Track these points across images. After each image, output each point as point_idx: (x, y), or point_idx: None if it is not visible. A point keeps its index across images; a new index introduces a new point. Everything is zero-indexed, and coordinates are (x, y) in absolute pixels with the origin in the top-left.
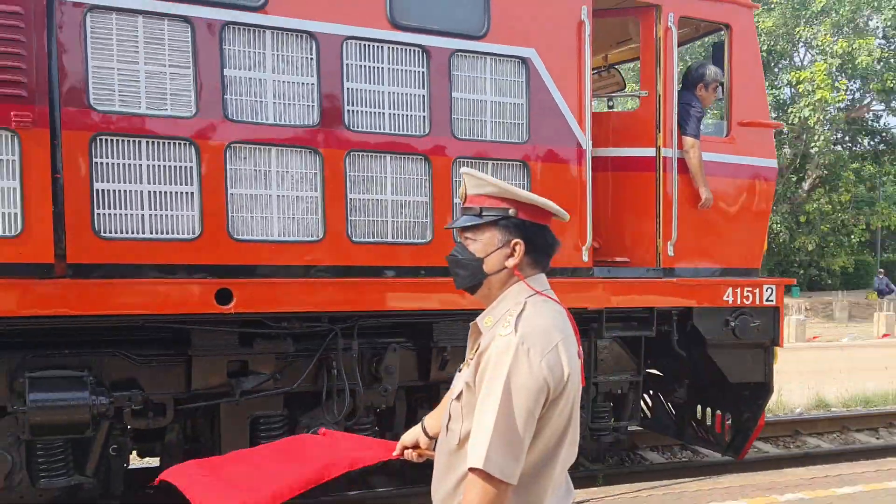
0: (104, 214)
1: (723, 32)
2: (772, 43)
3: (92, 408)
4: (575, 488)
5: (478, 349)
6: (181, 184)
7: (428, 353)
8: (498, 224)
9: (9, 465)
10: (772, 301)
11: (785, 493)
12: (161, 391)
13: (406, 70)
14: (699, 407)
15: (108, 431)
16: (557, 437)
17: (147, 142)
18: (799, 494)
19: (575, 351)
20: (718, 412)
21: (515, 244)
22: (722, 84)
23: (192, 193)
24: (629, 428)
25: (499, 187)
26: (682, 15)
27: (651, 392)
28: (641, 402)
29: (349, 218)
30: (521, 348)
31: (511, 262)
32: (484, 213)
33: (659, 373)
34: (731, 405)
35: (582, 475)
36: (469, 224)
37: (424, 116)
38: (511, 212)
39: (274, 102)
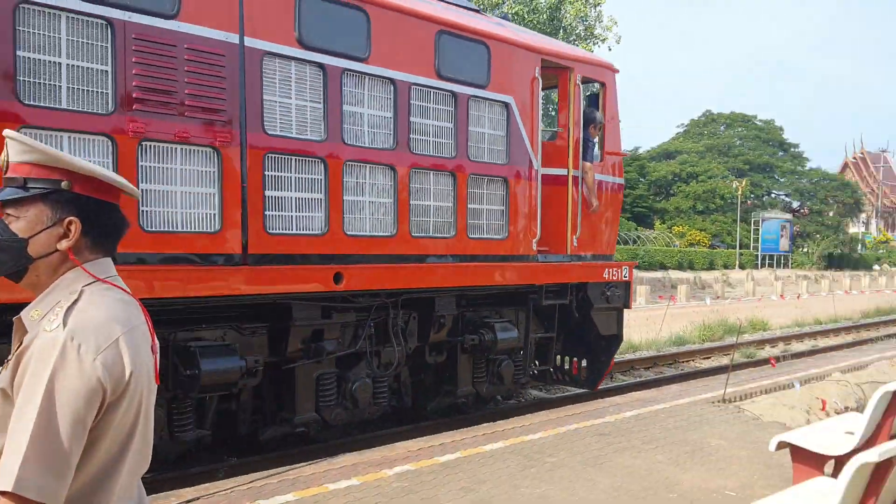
0: (270, 215)
1: (597, 87)
2: None
3: (241, 369)
4: (183, 487)
5: (19, 347)
6: (315, 192)
7: (429, 321)
8: (47, 198)
9: (160, 422)
10: (626, 277)
11: (394, 466)
12: (259, 355)
13: (443, 109)
14: (558, 357)
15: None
16: (120, 444)
17: (296, 159)
18: (406, 466)
19: (145, 346)
20: (575, 359)
21: (70, 223)
22: (602, 124)
23: (321, 199)
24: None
25: (48, 154)
26: (582, 75)
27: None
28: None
29: (411, 219)
30: (70, 345)
31: (64, 245)
32: (29, 185)
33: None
34: (591, 354)
35: (199, 472)
36: (9, 198)
37: (452, 144)
38: (64, 184)
39: (369, 131)
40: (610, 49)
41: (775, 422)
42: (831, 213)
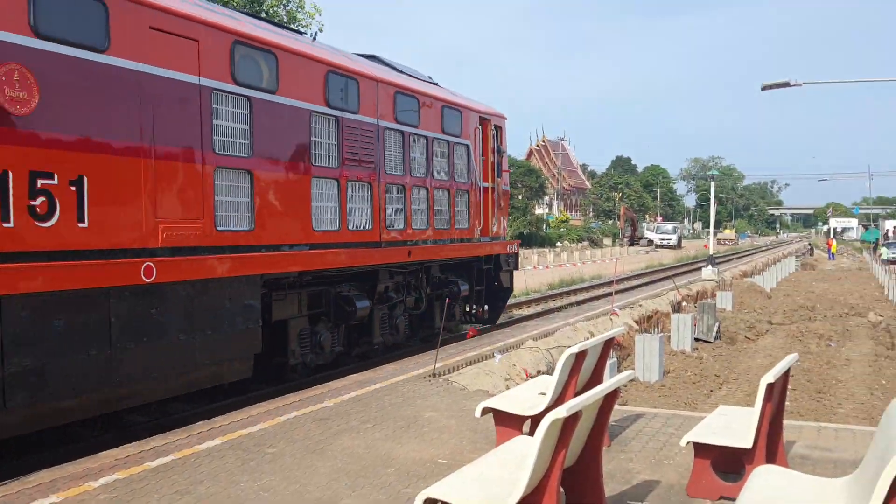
0: (388, 219)
1: (496, 128)
2: None
3: (368, 307)
4: None
5: None
6: (399, 205)
7: (430, 279)
8: None
9: (330, 340)
10: (515, 250)
11: (100, 477)
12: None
13: (443, 151)
14: (467, 304)
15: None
16: None
17: (394, 185)
18: (114, 475)
19: None
20: (481, 306)
21: None
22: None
23: (402, 209)
24: None
25: None
26: (495, 124)
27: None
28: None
29: (435, 219)
30: None
31: None
32: None
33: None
34: (494, 301)
35: None
36: None
37: (447, 171)
38: None
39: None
40: (315, 37)
41: (480, 390)
42: (520, 196)
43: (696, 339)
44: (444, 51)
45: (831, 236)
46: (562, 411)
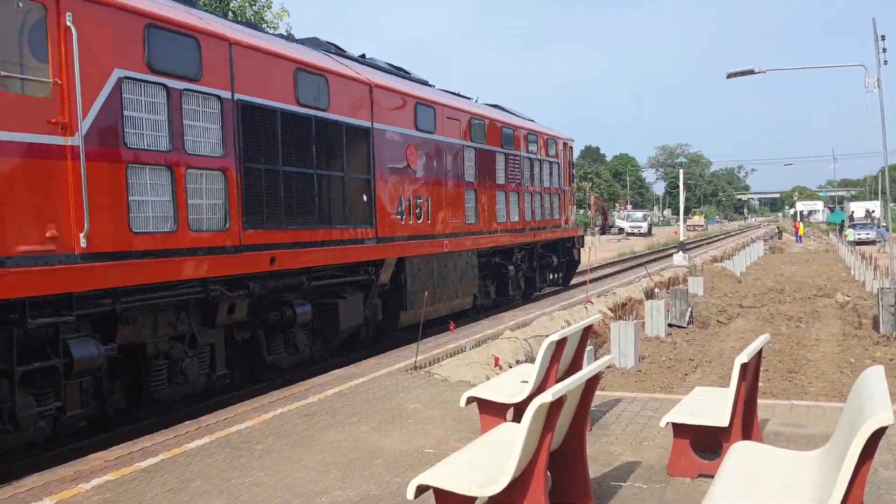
0: (526, 213)
1: (570, 148)
2: None
3: (513, 271)
4: None
5: None
6: (527, 205)
7: (535, 255)
8: None
9: (494, 289)
10: (582, 234)
11: (91, 479)
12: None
13: (547, 167)
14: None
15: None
16: None
17: (529, 192)
18: (106, 477)
19: None
20: (561, 273)
21: None
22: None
23: (528, 207)
24: None
25: None
26: (570, 146)
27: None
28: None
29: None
30: None
31: None
32: None
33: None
34: (565, 271)
35: None
36: None
37: (548, 181)
38: None
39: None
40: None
41: (461, 381)
42: None
43: (670, 325)
44: (406, 44)
45: (798, 219)
46: (547, 396)
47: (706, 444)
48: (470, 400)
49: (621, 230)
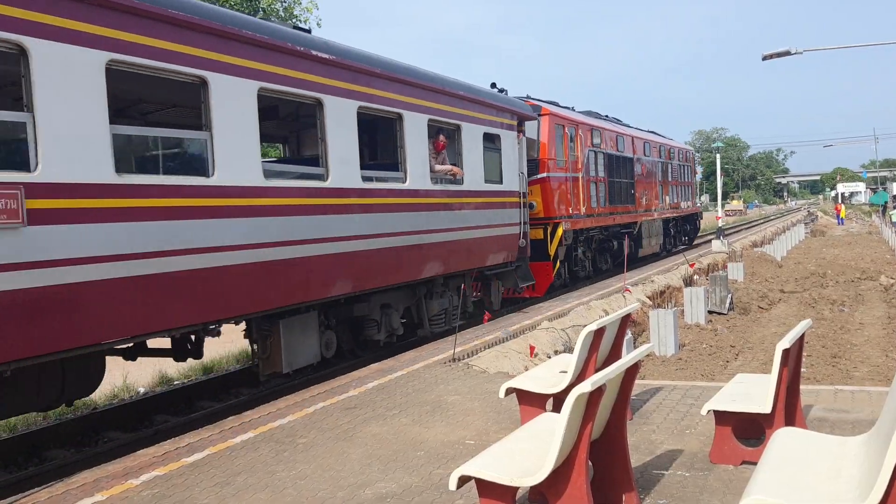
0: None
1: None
2: None
3: (662, 239)
4: None
5: None
6: (672, 192)
7: (675, 224)
8: None
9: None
10: (701, 209)
11: (140, 475)
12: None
13: (682, 167)
14: (683, 236)
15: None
16: None
17: (673, 186)
18: (154, 473)
19: None
20: (687, 236)
21: None
22: None
23: (672, 194)
24: None
25: None
26: (692, 150)
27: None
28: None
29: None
30: None
31: None
32: None
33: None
34: (691, 235)
35: None
36: None
37: (686, 177)
38: None
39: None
40: (310, 31)
41: (500, 372)
42: None
43: (710, 312)
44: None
45: (839, 201)
46: (586, 386)
47: (749, 431)
48: (509, 391)
49: None
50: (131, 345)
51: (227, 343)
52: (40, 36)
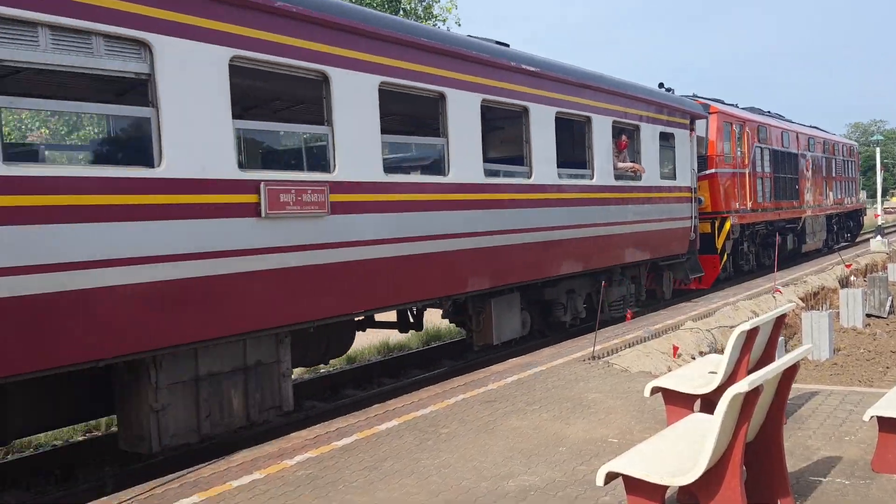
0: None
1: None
2: None
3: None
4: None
5: None
6: (829, 187)
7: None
8: None
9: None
10: (865, 207)
11: (294, 456)
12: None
13: (846, 161)
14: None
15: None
16: None
17: (836, 181)
18: (307, 454)
19: None
20: (850, 233)
21: None
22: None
23: (829, 189)
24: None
25: None
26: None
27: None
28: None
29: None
30: None
31: None
32: None
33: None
34: (854, 231)
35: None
36: None
37: (840, 172)
38: None
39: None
40: (449, 29)
41: (642, 371)
42: None
43: (868, 315)
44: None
45: None
46: (744, 385)
47: None
48: (654, 390)
49: None
50: (362, 318)
51: (370, 335)
52: (340, 66)
